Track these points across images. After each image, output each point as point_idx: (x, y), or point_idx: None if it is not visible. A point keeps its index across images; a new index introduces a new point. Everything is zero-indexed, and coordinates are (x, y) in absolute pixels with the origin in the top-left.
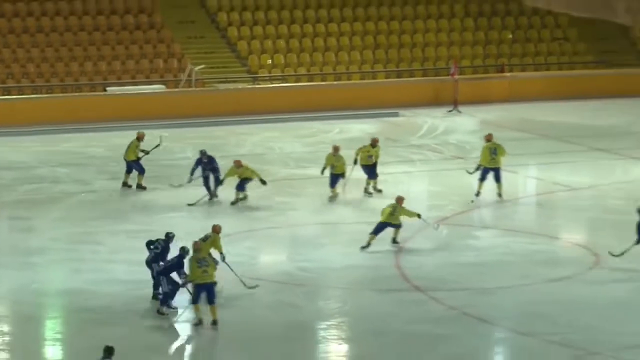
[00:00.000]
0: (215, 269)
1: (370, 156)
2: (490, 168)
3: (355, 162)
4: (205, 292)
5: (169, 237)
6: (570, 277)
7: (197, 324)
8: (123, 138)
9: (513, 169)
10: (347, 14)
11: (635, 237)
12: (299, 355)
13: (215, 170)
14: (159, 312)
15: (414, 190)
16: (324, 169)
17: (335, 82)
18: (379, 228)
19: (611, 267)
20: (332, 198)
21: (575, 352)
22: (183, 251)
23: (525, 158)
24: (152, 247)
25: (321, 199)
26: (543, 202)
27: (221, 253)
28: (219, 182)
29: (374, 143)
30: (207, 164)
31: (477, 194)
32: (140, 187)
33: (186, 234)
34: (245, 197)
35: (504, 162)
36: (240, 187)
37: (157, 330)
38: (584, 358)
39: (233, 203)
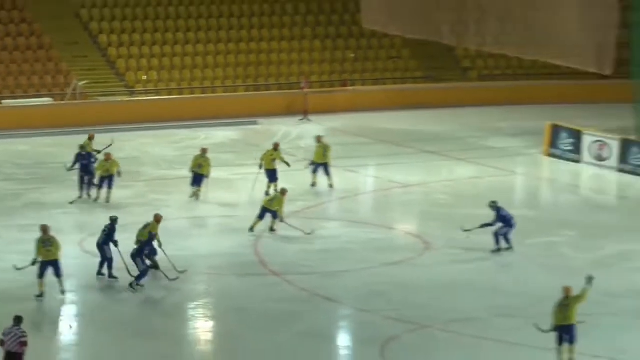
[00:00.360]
0: (58, 248)
1: (274, 160)
2: (321, 163)
3: (260, 167)
4: (50, 267)
5: (113, 220)
6: (404, 262)
7: (40, 295)
8: (15, 145)
9: (354, 169)
10: (212, 37)
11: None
12: (171, 331)
13: (91, 163)
14: (132, 287)
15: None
16: (191, 168)
17: (202, 95)
18: (261, 213)
19: (439, 252)
20: (196, 195)
21: (409, 327)
22: (150, 235)
23: (365, 159)
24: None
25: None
26: (380, 198)
27: (158, 241)
28: (92, 182)
29: (275, 147)
30: (84, 157)
31: (313, 184)
32: (93, 184)
33: (73, 227)
34: (98, 198)
35: (331, 158)
36: (108, 184)
37: (49, 309)
38: (416, 331)
39: (95, 200)
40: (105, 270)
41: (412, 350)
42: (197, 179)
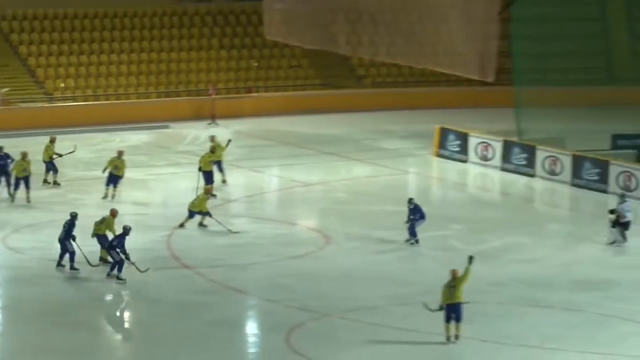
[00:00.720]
0: None
1: (212, 161)
2: (216, 161)
3: (200, 169)
4: None
5: (73, 216)
6: (307, 255)
7: None
8: None
9: (260, 169)
10: (125, 47)
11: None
12: (90, 322)
13: (8, 163)
14: (119, 279)
15: (181, 187)
16: (105, 169)
17: (117, 101)
18: (189, 214)
19: (339, 246)
20: (112, 195)
21: (311, 315)
22: (125, 229)
23: (269, 160)
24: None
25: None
26: (284, 196)
27: (113, 233)
28: (9, 182)
29: (212, 150)
30: (1, 158)
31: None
32: (55, 183)
33: None
34: (14, 198)
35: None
36: (26, 184)
37: None
38: (318, 319)
39: (12, 199)
40: (65, 262)
41: (314, 337)
42: (113, 180)
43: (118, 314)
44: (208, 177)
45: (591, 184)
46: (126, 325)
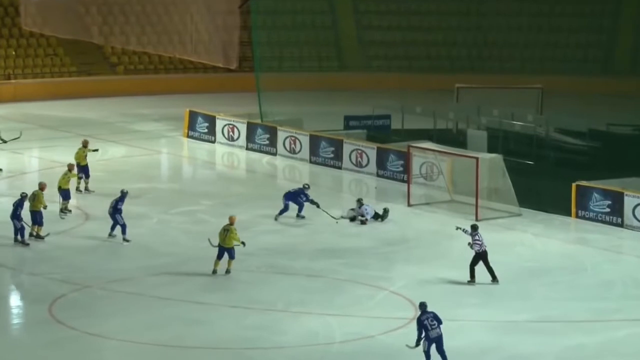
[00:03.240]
0: None
1: (86, 156)
2: None
3: (77, 165)
4: None
5: (22, 196)
6: (68, 231)
7: None
8: None
9: (20, 151)
10: None
11: None
12: None
13: None
14: (125, 240)
15: None
16: None
17: None
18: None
19: (99, 222)
20: None
21: (73, 287)
22: (122, 193)
23: (29, 143)
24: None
25: None
26: (44, 176)
27: (44, 206)
28: None
29: (85, 144)
30: None
31: None
32: None
33: None
34: None
35: None
36: None
37: None
38: (79, 290)
39: None
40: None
41: (76, 307)
42: None
43: None
44: (85, 171)
45: (327, 161)
46: None
